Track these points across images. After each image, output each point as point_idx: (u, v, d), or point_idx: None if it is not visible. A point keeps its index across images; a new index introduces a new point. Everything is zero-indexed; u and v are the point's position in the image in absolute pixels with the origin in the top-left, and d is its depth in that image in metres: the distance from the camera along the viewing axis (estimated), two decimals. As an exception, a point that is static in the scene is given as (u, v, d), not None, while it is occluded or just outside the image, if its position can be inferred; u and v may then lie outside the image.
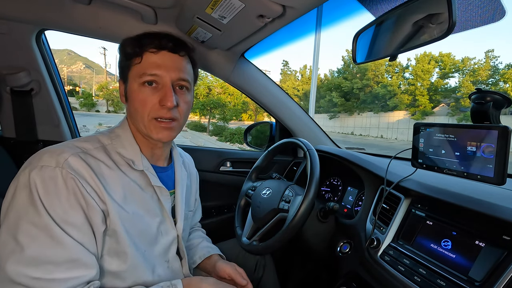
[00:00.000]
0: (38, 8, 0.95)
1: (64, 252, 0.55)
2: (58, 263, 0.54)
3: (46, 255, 0.54)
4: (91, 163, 0.62)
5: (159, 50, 0.68)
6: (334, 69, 49.88)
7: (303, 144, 1.01)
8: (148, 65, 0.67)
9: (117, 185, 0.64)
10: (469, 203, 0.66)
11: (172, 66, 0.68)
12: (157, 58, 0.67)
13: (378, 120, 26.55)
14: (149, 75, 0.66)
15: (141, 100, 0.67)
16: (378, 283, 0.81)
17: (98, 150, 0.66)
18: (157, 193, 0.72)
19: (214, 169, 1.52)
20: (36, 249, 0.53)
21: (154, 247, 0.72)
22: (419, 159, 0.78)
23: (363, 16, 0.92)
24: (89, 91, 49.60)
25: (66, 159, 0.59)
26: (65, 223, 0.56)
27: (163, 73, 0.67)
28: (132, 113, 0.70)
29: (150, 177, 0.71)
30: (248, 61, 1.30)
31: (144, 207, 0.70)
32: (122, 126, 0.73)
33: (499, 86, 23.06)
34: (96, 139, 0.68)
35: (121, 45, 0.71)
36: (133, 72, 0.68)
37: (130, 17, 0.99)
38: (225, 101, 20.79)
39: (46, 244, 0.54)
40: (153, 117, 0.68)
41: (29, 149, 1.25)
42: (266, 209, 0.97)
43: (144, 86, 0.67)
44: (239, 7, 0.74)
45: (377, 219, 0.86)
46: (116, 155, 0.68)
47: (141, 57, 0.67)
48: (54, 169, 0.57)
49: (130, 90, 0.69)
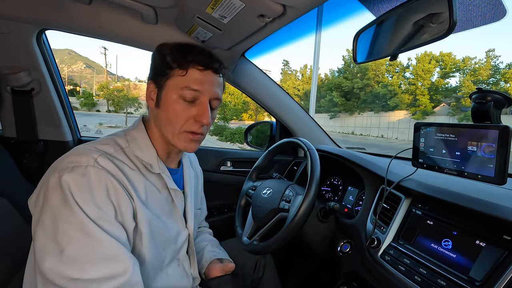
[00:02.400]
0: (38, 8, 0.95)
1: (100, 249, 0.55)
2: (95, 261, 0.54)
3: (83, 254, 0.54)
4: (117, 163, 0.63)
5: (205, 69, 0.70)
6: (335, 68, 49.88)
7: (304, 143, 1.01)
8: (193, 80, 0.68)
9: (140, 186, 0.66)
10: (469, 203, 0.66)
11: (212, 85, 0.71)
12: (202, 75, 0.69)
13: (378, 120, 26.52)
14: (192, 90, 0.68)
15: (178, 112, 0.69)
16: (378, 283, 0.81)
17: (119, 153, 0.66)
18: (172, 195, 0.75)
19: (215, 169, 1.52)
20: (73, 248, 0.53)
21: (170, 247, 0.74)
22: (419, 159, 0.78)
23: (364, 16, 0.92)
24: (90, 91, 49.64)
25: (96, 158, 0.60)
26: (100, 219, 0.56)
27: (204, 90, 0.69)
28: (162, 120, 0.71)
29: (166, 180, 0.73)
30: (249, 60, 1.30)
31: (162, 208, 0.72)
32: (138, 129, 0.74)
33: (500, 86, 23.02)
34: (114, 141, 0.69)
35: (161, 49, 0.71)
36: (174, 81, 0.69)
37: (131, 17, 0.99)
38: (225, 100, 20.80)
39: (82, 242, 0.54)
40: (185, 130, 0.70)
41: (30, 149, 1.25)
42: (266, 209, 0.97)
43: (182, 99, 0.69)
44: (239, 7, 0.74)
45: (378, 218, 0.86)
46: (134, 157, 0.69)
47: (186, 71, 0.68)
48: (86, 168, 0.58)
49: (166, 98, 0.69)
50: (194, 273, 0.84)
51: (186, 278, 0.80)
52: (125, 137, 0.71)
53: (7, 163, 1.15)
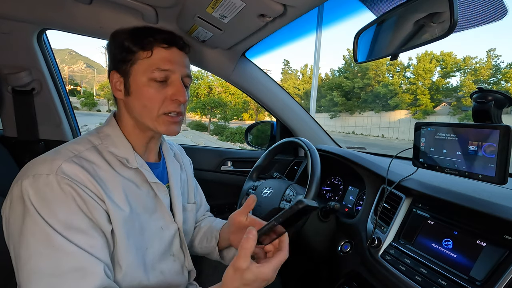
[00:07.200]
0: (39, 8, 0.95)
1: (68, 261, 0.52)
2: (62, 274, 0.51)
3: (48, 267, 0.51)
4: (85, 166, 0.60)
5: (170, 46, 0.68)
6: (335, 68, 49.88)
7: (304, 143, 1.01)
8: (160, 60, 0.67)
9: (113, 185, 0.63)
10: (470, 203, 0.66)
11: (181, 63, 0.70)
12: (168, 53, 0.68)
13: (379, 120, 26.51)
14: (162, 70, 0.66)
15: (152, 95, 0.66)
16: (379, 283, 0.81)
17: (90, 151, 0.64)
18: (154, 189, 0.72)
19: (215, 169, 1.52)
20: (37, 262, 0.51)
21: (157, 243, 0.71)
22: (420, 159, 0.78)
23: (364, 15, 0.92)
24: (90, 91, 49.74)
25: (60, 166, 0.57)
26: (68, 230, 0.54)
27: (174, 69, 0.68)
28: (136, 108, 0.68)
29: (145, 174, 0.70)
30: (249, 60, 1.30)
31: (141, 204, 0.69)
32: (110, 125, 0.71)
33: (501, 85, 22.99)
34: (86, 140, 0.66)
35: (116, 37, 0.68)
36: (140, 65, 0.66)
37: (131, 17, 0.99)
38: (226, 100, 20.80)
39: (47, 256, 0.51)
40: (164, 112, 0.68)
41: (31, 148, 1.25)
42: (267, 209, 0.97)
43: (154, 81, 0.67)
44: (240, 7, 0.74)
45: (378, 218, 0.86)
46: (108, 154, 0.66)
47: (152, 52, 0.66)
48: (47, 177, 0.55)
49: (135, 84, 0.67)
50: (189, 267, 0.81)
51: (182, 274, 0.78)
52: (98, 134, 0.69)
53: (8, 162, 1.15)
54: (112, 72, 0.69)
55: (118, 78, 0.69)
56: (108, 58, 0.72)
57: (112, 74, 0.69)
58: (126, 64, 0.67)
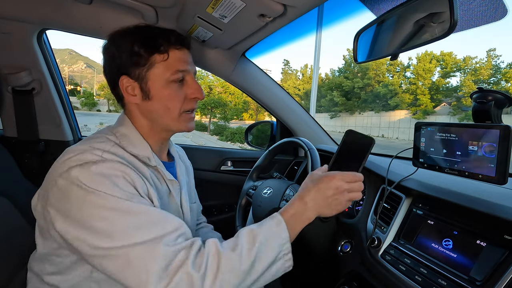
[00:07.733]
0: (39, 8, 0.95)
1: (144, 217, 0.54)
2: (145, 226, 0.54)
3: (130, 224, 0.53)
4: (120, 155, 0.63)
5: (182, 46, 0.70)
6: (335, 68, 49.87)
7: (304, 143, 1.01)
8: (177, 61, 0.68)
9: (140, 181, 0.64)
10: (470, 203, 0.66)
11: (191, 61, 0.73)
12: (181, 54, 0.70)
13: (379, 120, 26.52)
14: (181, 71, 0.68)
15: (174, 96, 0.69)
16: (379, 283, 0.81)
17: (116, 148, 0.64)
18: (169, 187, 0.74)
19: (215, 169, 1.52)
20: (120, 222, 0.53)
21: None
22: (420, 159, 0.78)
23: (364, 15, 0.92)
24: (90, 91, 49.75)
25: (102, 154, 0.59)
26: (132, 197, 0.56)
27: (189, 68, 0.71)
28: (157, 111, 0.69)
29: (163, 172, 0.72)
30: (249, 60, 1.30)
31: (161, 201, 0.70)
32: (126, 125, 0.71)
33: (501, 85, 22.99)
34: (105, 138, 0.66)
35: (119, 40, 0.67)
36: (158, 69, 0.67)
37: (131, 17, 0.99)
38: (226, 100, 20.82)
39: (123, 217, 0.53)
40: (184, 110, 0.71)
41: (31, 148, 1.25)
42: (267, 209, 0.97)
43: (173, 82, 0.68)
44: (240, 7, 0.74)
45: (378, 218, 0.86)
46: (128, 153, 0.67)
47: (168, 54, 0.67)
48: (95, 163, 0.57)
49: (156, 89, 0.67)
50: None
51: None
52: (114, 134, 0.69)
53: (8, 162, 1.15)
54: (122, 77, 0.68)
55: (131, 82, 0.68)
56: (110, 61, 0.70)
57: (122, 79, 0.68)
58: (139, 69, 0.67)
